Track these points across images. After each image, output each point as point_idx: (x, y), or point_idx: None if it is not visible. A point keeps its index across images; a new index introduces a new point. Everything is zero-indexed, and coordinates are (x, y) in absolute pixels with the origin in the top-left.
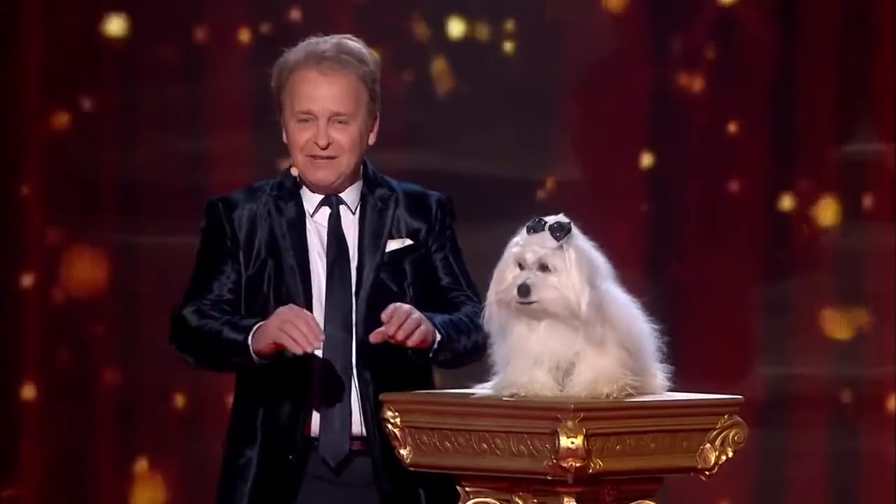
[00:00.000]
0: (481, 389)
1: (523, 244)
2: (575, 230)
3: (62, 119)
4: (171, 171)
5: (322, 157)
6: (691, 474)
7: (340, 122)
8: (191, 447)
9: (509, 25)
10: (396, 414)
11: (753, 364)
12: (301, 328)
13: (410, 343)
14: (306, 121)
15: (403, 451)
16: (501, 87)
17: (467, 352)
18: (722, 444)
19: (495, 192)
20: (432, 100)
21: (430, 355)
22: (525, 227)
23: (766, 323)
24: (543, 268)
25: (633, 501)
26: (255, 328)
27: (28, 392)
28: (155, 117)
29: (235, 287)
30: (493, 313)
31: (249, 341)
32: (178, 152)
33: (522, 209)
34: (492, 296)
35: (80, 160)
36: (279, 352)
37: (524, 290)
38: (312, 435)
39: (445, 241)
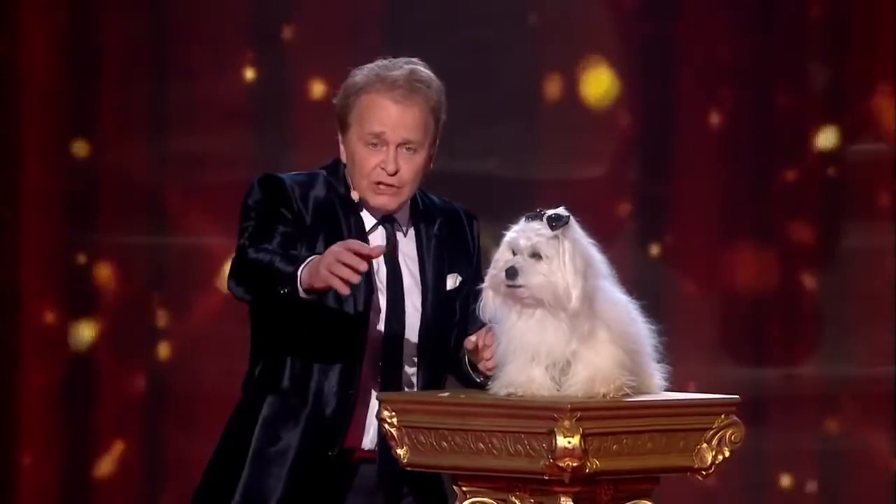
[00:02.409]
0: (478, 389)
1: (519, 231)
2: (573, 224)
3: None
4: (168, 171)
5: (387, 185)
6: (688, 474)
7: (409, 149)
8: (192, 453)
9: (510, 26)
10: (393, 414)
11: (754, 363)
12: (347, 261)
13: (489, 372)
14: (375, 145)
15: (400, 451)
16: (502, 86)
17: None
18: (719, 443)
19: (494, 192)
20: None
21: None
22: (524, 216)
23: (766, 322)
24: (535, 255)
25: (629, 501)
26: (308, 261)
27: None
28: (151, 116)
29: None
30: (487, 300)
31: (299, 273)
32: (176, 152)
33: (521, 209)
34: (486, 281)
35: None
36: (327, 291)
37: (511, 272)
38: (364, 448)
39: (480, 267)
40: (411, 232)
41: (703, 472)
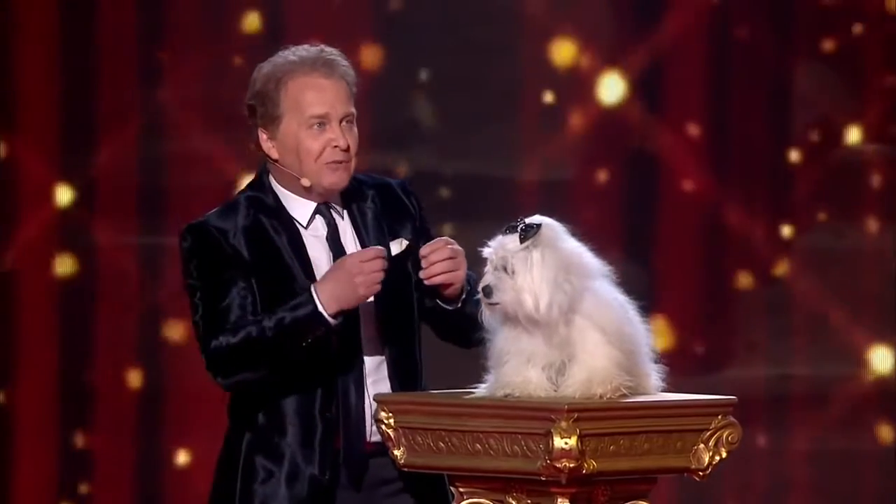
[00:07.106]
0: (475, 390)
1: (494, 246)
2: (545, 231)
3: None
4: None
5: (340, 161)
6: (685, 475)
7: (348, 122)
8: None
9: (508, 27)
10: (390, 415)
11: (751, 364)
12: (369, 268)
13: (427, 282)
14: (320, 125)
15: (397, 452)
16: (499, 86)
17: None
18: (716, 444)
19: (491, 192)
20: (431, 99)
21: (454, 307)
22: (503, 229)
23: (767, 323)
24: (507, 270)
25: (626, 502)
26: (316, 295)
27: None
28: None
29: (254, 309)
30: (484, 309)
31: (321, 309)
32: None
33: (519, 209)
34: (480, 293)
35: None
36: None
37: (487, 291)
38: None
39: (430, 233)
40: (346, 213)
41: (700, 473)
